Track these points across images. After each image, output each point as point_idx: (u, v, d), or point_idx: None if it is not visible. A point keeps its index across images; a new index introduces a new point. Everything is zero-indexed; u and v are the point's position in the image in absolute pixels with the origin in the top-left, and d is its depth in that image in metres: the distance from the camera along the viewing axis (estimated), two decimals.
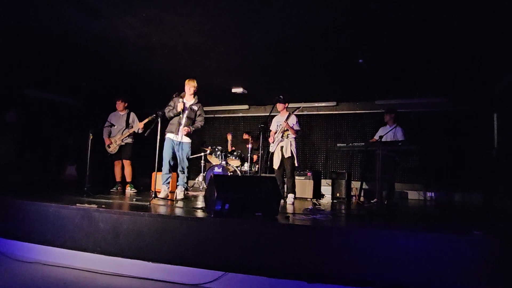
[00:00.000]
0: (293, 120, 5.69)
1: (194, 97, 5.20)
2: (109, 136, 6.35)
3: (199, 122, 5.18)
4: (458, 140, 7.49)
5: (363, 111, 8.51)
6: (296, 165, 5.72)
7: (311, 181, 6.96)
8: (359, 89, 7.63)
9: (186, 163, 5.15)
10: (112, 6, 4.31)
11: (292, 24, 4.63)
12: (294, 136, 5.66)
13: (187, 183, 5.32)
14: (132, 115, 6.44)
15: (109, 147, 6.30)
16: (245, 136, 8.22)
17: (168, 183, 5.16)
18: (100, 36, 5.14)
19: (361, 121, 8.45)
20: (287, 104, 5.88)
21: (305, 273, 2.86)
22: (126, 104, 6.47)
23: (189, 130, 5.01)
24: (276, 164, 5.77)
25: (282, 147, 5.67)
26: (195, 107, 5.17)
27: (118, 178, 6.47)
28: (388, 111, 6.30)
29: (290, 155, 5.59)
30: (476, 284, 2.60)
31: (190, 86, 5.12)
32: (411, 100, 7.92)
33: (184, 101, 5.08)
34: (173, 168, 5.24)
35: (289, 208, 4.70)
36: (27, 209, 3.91)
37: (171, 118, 5.08)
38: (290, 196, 5.56)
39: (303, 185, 6.94)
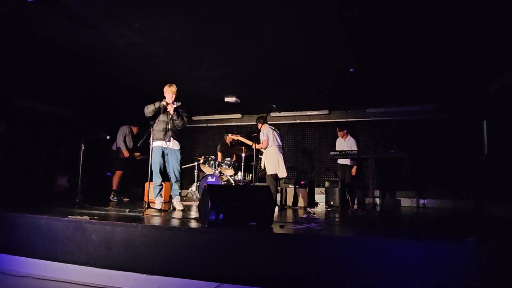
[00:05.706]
0: (261, 134, 5.84)
1: (176, 102, 4.99)
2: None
3: (186, 118, 5.06)
4: (450, 146, 7.58)
5: (355, 119, 8.60)
6: (281, 175, 5.78)
7: (305, 190, 6.96)
8: (351, 97, 7.71)
9: (179, 171, 5.05)
10: (104, 17, 4.33)
11: (284, 33, 4.67)
12: (265, 147, 5.78)
13: (181, 192, 5.26)
14: None
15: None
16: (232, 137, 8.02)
17: (161, 194, 5.09)
18: (92, 46, 5.14)
19: (354, 129, 8.51)
20: (260, 125, 6.03)
21: (301, 283, 2.84)
22: None
23: (176, 105, 4.91)
24: None
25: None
26: (181, 111, 5.04)
27: (116, 186, 6.83)
28: (340, 129, 7.38)
29: (263, 167, 5.66)
30: None
31: (174, 92, 4.91)
32: (402, 108, 8.03)
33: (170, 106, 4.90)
34: (163, 178, 5.07)
35: (284, 217, 4.69)
36: (17, 222, 3.82)
37: (153, 113, 4.83)
38: None
39: (297, 194, 6.94)
